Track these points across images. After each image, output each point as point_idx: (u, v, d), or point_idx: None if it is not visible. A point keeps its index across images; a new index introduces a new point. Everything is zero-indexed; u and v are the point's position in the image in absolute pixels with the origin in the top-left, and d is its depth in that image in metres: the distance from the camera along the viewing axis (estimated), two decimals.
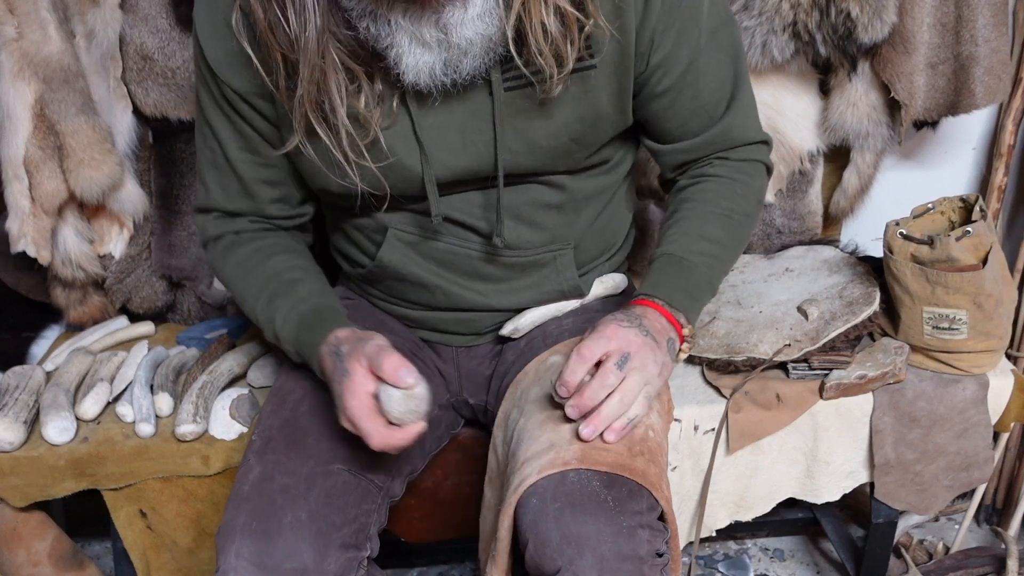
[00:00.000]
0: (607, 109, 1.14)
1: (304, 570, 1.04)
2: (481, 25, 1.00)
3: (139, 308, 1.75)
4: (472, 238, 1.22)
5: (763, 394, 1.44)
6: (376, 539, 1.16)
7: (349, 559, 1.08)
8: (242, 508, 1.08)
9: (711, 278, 1.20)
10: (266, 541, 1.04)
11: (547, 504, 1.00)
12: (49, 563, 1.49)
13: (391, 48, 1.02)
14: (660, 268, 1.18)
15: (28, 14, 1.48)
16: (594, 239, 1.29)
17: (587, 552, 0.97)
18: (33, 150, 1.54)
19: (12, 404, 1.43)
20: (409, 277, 1.25)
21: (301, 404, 1.20)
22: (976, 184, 1.91)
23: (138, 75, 1.59)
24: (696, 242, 1.19)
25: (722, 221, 1.21)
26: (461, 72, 1.04)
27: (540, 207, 1.21)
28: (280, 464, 1.11)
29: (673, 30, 1.11)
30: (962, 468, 1.50)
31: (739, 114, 1.22)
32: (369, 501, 1.15)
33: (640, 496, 1.02)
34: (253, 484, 1.10)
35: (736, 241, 1.24)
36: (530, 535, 1.00)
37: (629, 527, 0.99)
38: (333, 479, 1.11)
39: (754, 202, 1.26)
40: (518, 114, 1.11)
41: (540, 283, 1.27)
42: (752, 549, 1.93)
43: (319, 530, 1.06)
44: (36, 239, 1.59)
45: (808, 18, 1.53)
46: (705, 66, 1.16)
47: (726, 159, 1.24)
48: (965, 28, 1.60)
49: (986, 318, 1.42)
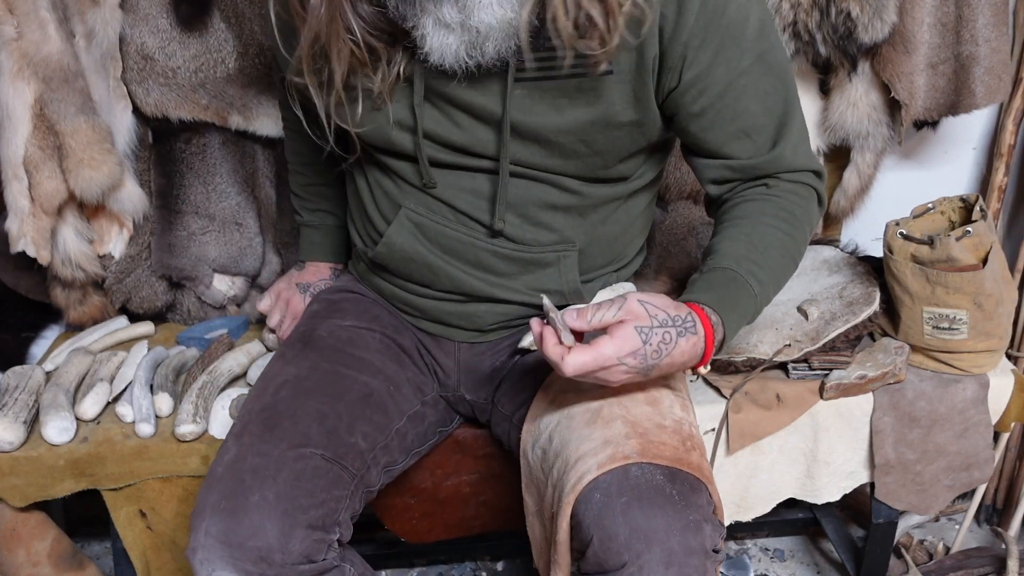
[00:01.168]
0: (621, 118, 1.14)
1: (268, 548, 1.06)
2: (499, 10, 1.01)
3: (139, 308, 1.75)
4: (478, 228, 1.23)
5: (763, 394, 1.44)
6: (348, 525, 1.17)
7: (315, 541, 1.10)
8: (214, 488, 1.11)
9: (758, 308, 1.16)
10: (233, 519, 1.07)
11: (613, 499, 1.01)
12: (49, 563, 1.49)
13: (416, 29, 1.05)
14: (723, 284, 1.12)
15: (28, 14, 1.47)
16: (601, 247, 1.29)
17: (655, 546, 0.97)
18: (33, 150, 1.54)
19: (12, 404, 1.43)
20: (415, 257, 1.26)
21: (282, 390, 1.23)
22: (976, 184, 1.91)
23: (138, 75, 1.59)
24: (758, 268, 1.14)
25: (781, 246, 1.17)
26: (485, 55, 1.05)
27: (548, 207, 1.22)
28: (253, 446, 1.14)
29: (709, 47, 1.09)
30: (962, 468, 1.50)
31: (789, 143, 1.18)
32: (340, 487, 1.15)
33: (700, 490, 1.04)
34: (226, 465, 1.13)
35: (787, 268, 1.19)
36: (595, 530, 1.00)
37: (695, 521, 1.00)
38: (304, 462, 1.13)
39: (808, 230, 1.22)
40: (530, 103, 1.12)
41: (542, 281, 1.27)
42: (752, 549, 1.93)
43: (285, 510, 1.08)
44: (36, 239, 1.59)
45: (808, 18, 1.53)
46: (747, 88, 1.13)
47: (779, 180, 1.21)
48: (965, 28, 1.60)
49: (986, 318, 1.42)
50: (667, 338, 1.03)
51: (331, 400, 1.21)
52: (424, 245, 1.25)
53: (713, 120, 1.15)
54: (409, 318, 1.35)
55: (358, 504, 1.20)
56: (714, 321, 1.07)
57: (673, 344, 1.04)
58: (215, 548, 1.06)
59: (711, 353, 1.08)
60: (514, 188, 1.19)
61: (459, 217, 1.22)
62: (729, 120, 1.15)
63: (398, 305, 1.35)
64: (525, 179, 1.19)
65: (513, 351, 1.33)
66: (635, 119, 1.14)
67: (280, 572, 1.07)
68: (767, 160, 1.19)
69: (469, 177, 1.20)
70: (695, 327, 1.05)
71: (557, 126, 1.13)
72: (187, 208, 1.69)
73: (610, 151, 1.17)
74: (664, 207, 1.77)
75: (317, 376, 1.24)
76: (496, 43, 1.04)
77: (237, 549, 1.06)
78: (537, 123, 1.13)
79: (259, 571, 1.06)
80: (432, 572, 1.86)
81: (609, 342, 1.02)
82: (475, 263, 1.25)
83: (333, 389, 1.23)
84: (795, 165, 1.20)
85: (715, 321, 1.07)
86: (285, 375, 1.25)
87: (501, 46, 1.04)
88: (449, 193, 1.21)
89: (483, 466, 1.44)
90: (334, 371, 1.25)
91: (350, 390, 1.24)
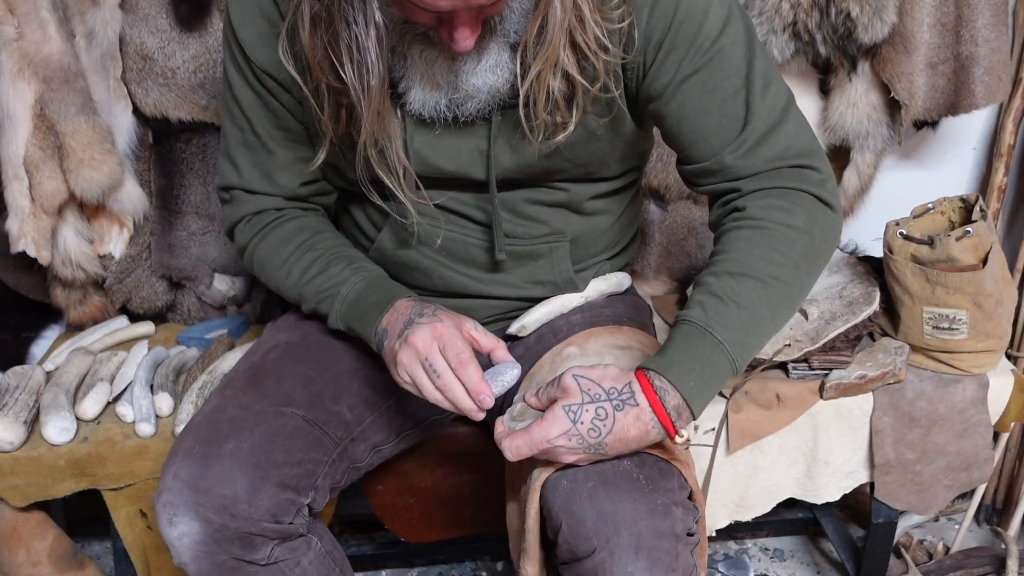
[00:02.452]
0: (599, 132, 1.15)
1: (235, 497, 1.06)
2: (491, 77, 1.04)
3: (139, 308, 1.75)
4: (470, 227, 1.23)
5: (763, 394, 1.44)
6: (324, 493, 1.16)
7: (285, 500, 1.10)
8: (189, 434, 1.11)
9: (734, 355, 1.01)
10: (203, 464, 1.07)
11: (580, 484, 1.01)
12: (49, 563, 1.49)
13: (403, 79, 1.07)
14: (680, 339, 1.01)
15: (28, 14, 1.48)
16: (593, 237, 1.30)
17: (623, 530, 0.97)
18: (33, 150, 1.54)
19: (12, 404, 1.43)
20: (408, 261, 1.26)
21: (271, 352, 1.23)
22: (976, 184, 1.91)
23: (138, 75, 1.59)
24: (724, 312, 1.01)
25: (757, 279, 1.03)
26: (464, 112, 1.08)
27: (538, 204, 1.23)
28: (235, 399, 1.15)
29: (662, 48, 1.07)
30: (962, 468, 1.50)
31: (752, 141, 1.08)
32: (320, 451, 1.15)
33: (671, 475, 1.03)
34: (205, 415, 1.14)
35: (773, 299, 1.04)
36: (563, 516, 1.00)
37: (663, 504, 0.99)
38: (284, 420, 1.13)
39: (801, 243, 1.05)
40: (513, 135, 1.13)
41: (535, 273, 1.28)
42: (752, 549, 1.93)
43: (257, 463, 1.08)
44: (36, 239, 1.59)
45: (808, 18, 1.53)
46: (703, 87, 1.08)
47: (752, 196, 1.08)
48: (965, 28, 1.60)
49: (986, 318, 1.42)
50: (601, 414, 0.97)
51: (319, 368, 1.21)
52: (417, 249, 1.25)
53: (675, 121, 1.11)
54: None
55: (340, 475, 1.20)
56: (657, 386, 0.97)
57: (611, 420, 0.96)
58: (181, 492, 1.06)
59: (669, 421, 0.97)
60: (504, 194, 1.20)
61: (451, 219, 1.23)
62: (689, 120, 1.10)
63: None
64: (510, 188, 1.20)
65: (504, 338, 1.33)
66: (613, 129, 1.16)
67: (242, 526, 1.07)
68: (730, 163, 1.09)
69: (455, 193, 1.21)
70: (633, 398, 0.97)
71: (542, 153, 1.14)
72: (187, 208, 1.69)
73: (594, 160, 1.19)
74: (664, 207, 1.77)
75: (308, 344, 1.25)
76: (478, 103, 1.07)
77: (203, 495, 1.06)
78: (520, 158, 1.15)
79: (221, 521, 1.06)
80: (432, 572, 1.86)
81: (539, 424, 0.98)
82: (468, 261, 1.26)
83: (323, 358, 1.23)
84: (767, 164, 1.08)
85: (659, 386, 0.97)
86: (276, 340, 1.27)
87: (481, 105, 1.08)
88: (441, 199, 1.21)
89: (483, 466, 1.44)
90: (326, 342, 1.25)
91: (340, 361, 1.24)
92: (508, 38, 1.03)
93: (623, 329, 1.27)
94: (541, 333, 1.30)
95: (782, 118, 1.09)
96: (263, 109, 1.20)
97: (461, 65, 1.03)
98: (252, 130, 1.21)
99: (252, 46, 1.15)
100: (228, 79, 1.20)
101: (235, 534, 1.07)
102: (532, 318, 1.30)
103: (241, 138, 1.23)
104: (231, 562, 1.09)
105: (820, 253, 1.09)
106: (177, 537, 1.07)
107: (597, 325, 1.28)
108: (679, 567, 0.99)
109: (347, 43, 0.99)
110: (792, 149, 1.09)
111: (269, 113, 1.20)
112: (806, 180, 1.08)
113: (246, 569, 1.10)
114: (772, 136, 1.08)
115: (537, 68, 1.01)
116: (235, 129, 1.23)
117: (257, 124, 1.21)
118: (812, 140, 1.11)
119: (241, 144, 1.23)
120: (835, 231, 1.11)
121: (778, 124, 1.08)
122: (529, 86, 1.03)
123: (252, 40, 1.15)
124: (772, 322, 1.05)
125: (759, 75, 1.08)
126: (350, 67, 1.01)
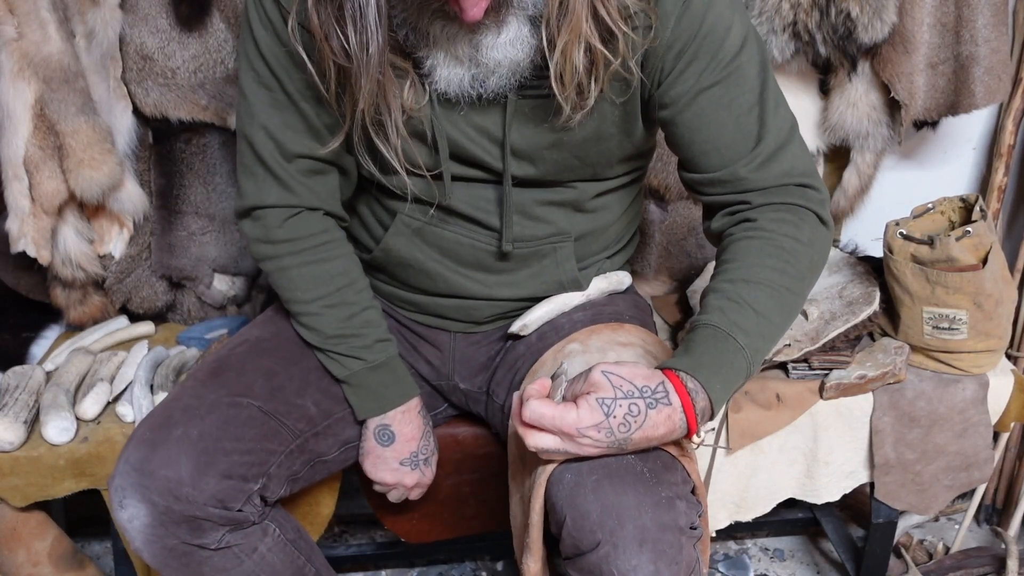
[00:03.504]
0: (611, 130, 1.16)
1: (179, 481, 1.08)
2: (511, 51, 1.05)
3: (139, 308, 1.75)
4: (478, 230, 1.24)
5: (763, 394, 1.44)
6: (278, 482, 1.18)
7: (232, 486, 1.11)
8: (144, 422, 1.15)
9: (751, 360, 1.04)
10: (151, 449, 1.10)
11: (584, 477, 1.01)
12: (49, 563, 1.49)
13: (427, 58, 1.07)
14: (704, 342, 1.04)
15: (28, 14, 1.47)
16: (597, 235, 1.30)
17: (628, 523, 0.97)
18: (33, 150, 1.54)
19: (12, 404, 1.43)
20: (412, 263, 1.27)
21: (240, 347, 1.26)
22: (976, 184, 1.91)
23: (138, 75, 1.59)
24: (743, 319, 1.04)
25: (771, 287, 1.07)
26: (487, 88, 1.09)
27: (545, 204, 1.23)
28: (192, 389, 1.17)
29: (684, 57, 1.09)
30: (962, 468, 1.50)
31: (765, 156, 1.12)
32: (275, 441, 1.17)
33: (674, 468, 1.04)
34: (162, 404, 1.17)
35: (784, 307, 1.08)
36: (567, 510, 1.00)
37: (667, 498, 1.00)
38: (237, 410, 1.15)
39: (807, 258, 1.11)
40: (528, 124, 1.14)
41: (540, 274, 1.28)
42: (752, 549, 1.93)
43: (204, 449, 1.11)
44: (36, 239, 1.59)
45: (808, 18, 1.53)
46: (718, 100, 1.11)
47: (763, 209, 1.12)
48: (965, 28, 1.60)
49: (986, 318, 1.42)
50: (634, 410, 0.97)
51: (285, 363, 1.23)
52: (422, 251, 1.25)
53: (688, 130, 1.14)
54: (405, 312, 1.36)
55: (300, 467, 1.21)
56: (691, 388, 0.99)
57: (643, 416, 0.97)
58: (129, 475, 1.09)
59: (696, 422, 0.99)
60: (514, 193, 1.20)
61: (459, 221, 1.23)
62: (704, 130, 1.12)
63: (394, 302, 1.36)
64: (522, 186, 1.21)
65: (506, 336, 1.33)
66: (625, 130, 1.17)
67: (187, 509, 1.09)
68: (743, 175, 1.13)
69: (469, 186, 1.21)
70: (667, 397, 0.98)
71: (553, 146, 1.16)
72: (187, 208, 1.69)
73: (601, 161, 1.20)
74: (664, 207, 1.77)
75: (279, 340, 1.26)
76: (499, 78, 1.08)
77: (148, 477, 1.08)
78: (533, 145, 1.16)
79: (166, 504, 1.08)
80: (432, 572, 1.87)
81: (572, 410, 0.98)
82: (474, 264, 1.26)
83: (291, 354, 1.25)
84: (776, 179, 1.13)
85: (692, 388, 0.99)
86: (247, 335, 1.29)
87: (503, 81, 1.08)
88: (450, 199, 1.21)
89: (483, 466, 1.44)
90: (298, 339, 1.26)
91: (309, 358, 1.25)
92: (527, 10, 1.03)
93: (625, 327, 1.28)
94: (543, 331, 1.30)
95: (790, 138, 1.14)
96: (294, 68, 1.13)
97: (481, 38, 1.04)
98: (282, 88, 1.16)
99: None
100: (254, 35, 1.14)
101: (181, 517, 1.09)
102: (534, 316, 1.30)
103: (270, 98, 1.16)
104: (181, 546, 1.11)
105: (818, 267, 1.15)
106: (127, 520, 1.10)
107: (599, 323, 1.28)
108: (683, 560, 0.99)
109: (351, 13, 0.99)
110: (798, 168, 1.14)
111: (301, 74, 1.13)
112: (810, 199, 1.14)
113: (198, 554, 1.12)
114: (782, 153, 1.12)
115: (563, 40, 1.01)
116: (261, 89, 1.16)
117: (287, 83, 1.15)
118: (812, 163, 1.17)
119: (270, 105, 1.16)
120: (828, 248, 1.18)
121: (787, 143, 1.13)
122: (556, 59, 1.03)
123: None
124: (780, 330, 1.09)
125: (772, 94, 1.12)
126: (353, 36, 1.01)
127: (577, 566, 1.01)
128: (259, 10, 1.13)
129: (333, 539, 1.94)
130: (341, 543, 1.92)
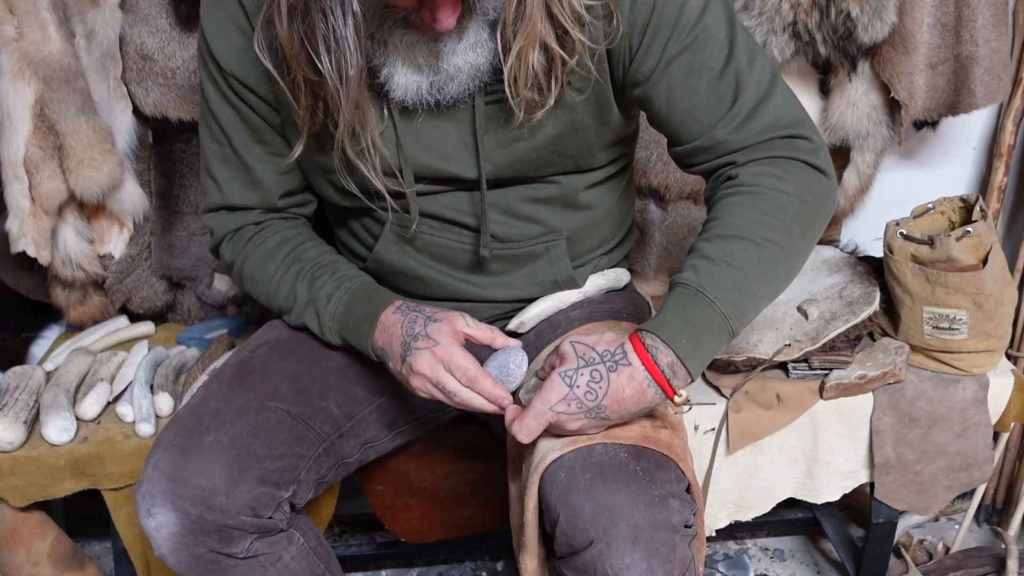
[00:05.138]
0: (587, 120, 1.15)
1: (213, 489, 1.07)
2: (472, 55, 1.05)
3: (139, 308, 1.75)
4: (464, 233, 1.23)
5: (763, 394, 1.44)
6: (307, 487, 1.17)
7: (265, 493, 1.10)
8: (172, 427, 1.12)
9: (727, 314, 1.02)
10: (183, 456, 1.08)
11: (577, 476, 1.01)
12: (49, 563, 1.49)
13: (384, 67, 1.07)
14: (673, 301, 1.03)
15: (28, 14, 1.48)
16: (589, 232, 1.30)
17: (621, 521, 0.98)
18: (33, 150, 1.54)
19: (12, 404, 1.43)
20: (405, 270, 1.27)
21: (260, 348, 1.24)
22: (976, 184, 1.91)
23: (138, 75, 1.59)
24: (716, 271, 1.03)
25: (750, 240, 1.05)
26: (446, 95, 1.08)
27: (531, 201, 1.23)
28: (220, 393, 1.15)
29: (646, 33, 1.08)
30: (962, 468, 1.50)
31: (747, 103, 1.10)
32: (303, 445, 1.16)
33: (668, 467, 1.04)
34: (189, 408, 1.15)
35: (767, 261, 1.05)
36: (561, 508, 1.01)
37: (660, 496, 1.00)
38: (267, 414, 1.14)
39: (794, 207, 1.07)
40: (499, 128, 1.14)
41: (534, 274, 1.28)
42: (752, 549, 1.93)
43: (237, 456, 1.09)
44: (36, 239, 1.59)
45: (808, 18, 1.53)
46: (688, 68, 1.09)
47: (744, 166, 1.10)
48: (965, 28, 1.60)
49: (986, 318, 1.42)
50: (596, 376, 0.99)
51: (307, 364, 1.22)
52: (414, 258, 1.25)
53: (663, 103, 1.12)
54: None
55: (326, 470, 1.20)
56: (649, 344, 0.99)
57: (606, 381, 0.99)
58: (160, 483, 1.07)
59: (663, 378, 0.99)
60: (496, 194, 1.20)
61: (445, 226, 1.23)
62: (678, 100, 1.11)
63: None
64: (503, 186, 1.20)
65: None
66: (600, 119, 1.16)
67: (220, 518, 1.07)
68: (722, 138, 1.11)
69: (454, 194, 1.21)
70: (626, 357, 0.99)
71: (529, 144, 1.15)
72: (187, 208, 1.69)
73: (581, 152, 1.19)
74: (664, 207, 1.77)
75: (298, 341, 1.25)
76: (459, 84, 1.07)
77: (181, 485, 1.06)
78: (507, 146, 1.15)
79: (198, 513, 1.07)
80: (432, 572, 1.87)
81: (539, 395, 1.02)
82: (466, 267, 1.26)
83: (312, 355, 1.24)
84: (758, 136, 1.10)
85: (650, 344, 0.99)
86: (267, 337, 1.27)
87: (462, 87, 1.08)
88: (433, 207, 1.21)
89: (483, 466, 1.44)
90: (316, 340, 1.25)
91: (330, 358, 1.24)
92: (487, 16, 1.03)
93: (622, 324, 1.28)
94: (540, 329, 1.31)
95: (770, 91, 1.11)
96: (241, 123, 1.20)
97: (442, 46, 1.04)
98: (230, 144, 1.22)
99: (228, 60, 1.15)
100: (205, 95, 1.21)
101: (212, 526, 1.08)
102: (531, 314, 1.30)
103: (220, 152, 1.23)
104: (209, 555, 1.09)
105: (814, 218, 1.10)
106: (155, 528, 1.08)
107: (596, 320, 1.28)
108: (676, 558, 0.99)
109: (323, 33, 0.98)
110: (782, 120, 1.11)
111: (247, 127, 1.20)
112: (798, 149, 1.10)
113: (224, 562, 1.11)
114: (762, 109, 1.10)
115: (519, 44, 1.01)
116: (214, 144, 1.23)
117: (235, 138, 1.21)
118: (801, 111, 1.13)
119: (220, 159, 1.23)
120: (829, 196, 1.12)
121: (766, 97, 1.10)
122: (511, 63, 1.03)
123: (228, 54, 1.15)
124: (767, 284, 1.06)
125: (743, 51, 1.10)
126: (327, 58, 1.00)
127: (571, 565, 1.01)
128: (207, 69, 1.18)
129: (333, 539, 1.94)
130: (341, 543, 1.92)
